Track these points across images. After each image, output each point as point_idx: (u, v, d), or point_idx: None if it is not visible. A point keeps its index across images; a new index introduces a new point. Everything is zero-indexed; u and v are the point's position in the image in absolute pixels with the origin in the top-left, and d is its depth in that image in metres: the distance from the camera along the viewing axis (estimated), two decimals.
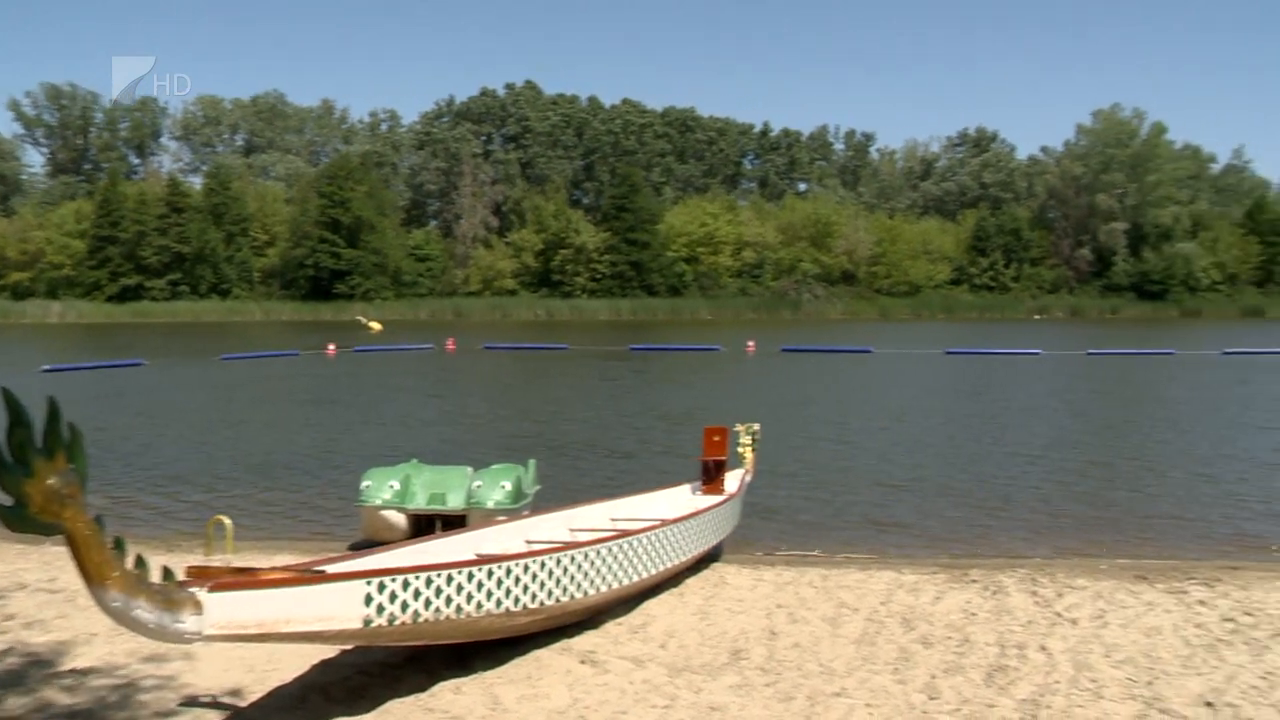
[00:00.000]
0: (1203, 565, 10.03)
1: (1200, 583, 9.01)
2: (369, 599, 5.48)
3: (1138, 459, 16.71)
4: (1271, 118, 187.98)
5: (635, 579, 7.69)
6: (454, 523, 9.54)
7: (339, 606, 5.35)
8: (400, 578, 5.66)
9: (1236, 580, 9.15)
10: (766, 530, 11.50)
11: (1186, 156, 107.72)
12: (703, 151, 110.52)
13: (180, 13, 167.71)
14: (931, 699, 6.06)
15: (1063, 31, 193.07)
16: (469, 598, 6.05)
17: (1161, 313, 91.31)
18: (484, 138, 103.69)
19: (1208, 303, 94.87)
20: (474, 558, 6.71)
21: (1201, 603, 8.27)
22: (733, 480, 10.52)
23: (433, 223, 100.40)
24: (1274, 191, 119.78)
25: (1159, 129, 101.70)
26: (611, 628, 7.50)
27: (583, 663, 6.68)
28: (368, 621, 5.48)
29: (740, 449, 11.04)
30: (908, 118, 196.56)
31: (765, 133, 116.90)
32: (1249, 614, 7.89)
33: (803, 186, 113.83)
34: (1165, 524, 12.17)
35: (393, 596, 5.59)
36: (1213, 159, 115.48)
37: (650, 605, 8.12)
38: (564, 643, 7.04)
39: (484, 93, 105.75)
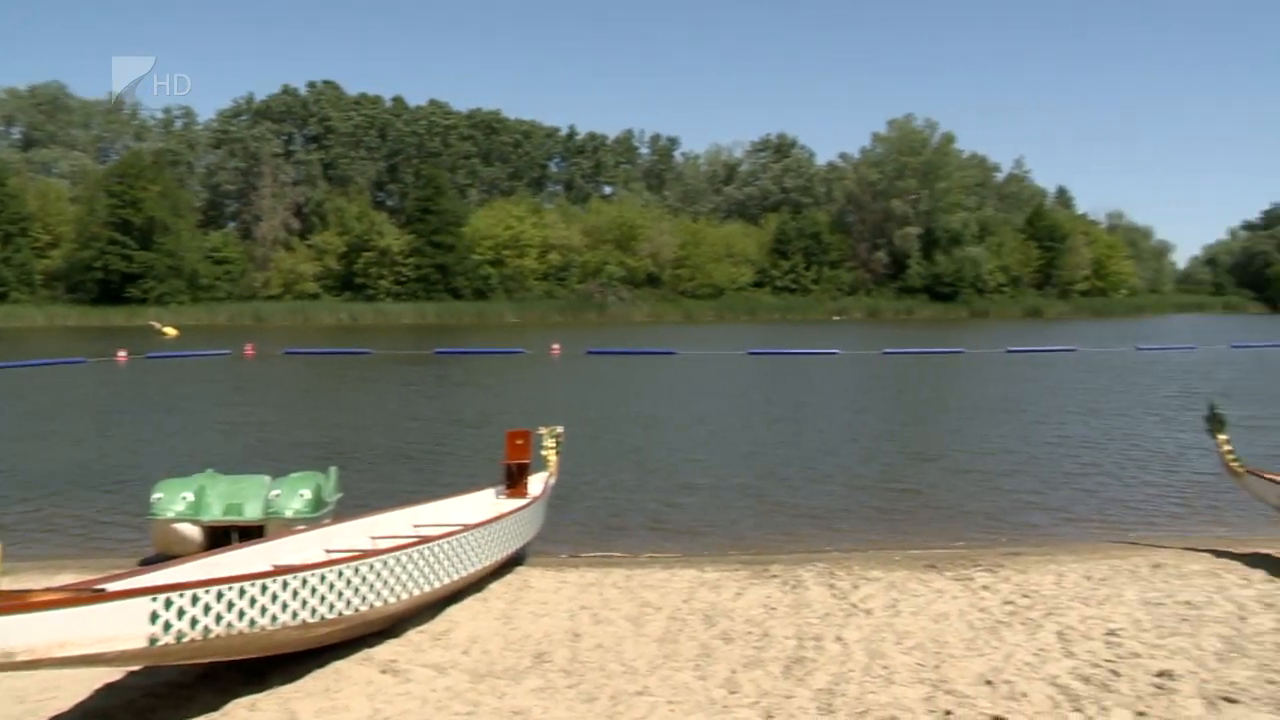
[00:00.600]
0: (987, 552, 10.53)
1: (985, 569, 9.45)
2: (155, 616, 5.23)
3: (930, 453, 17.45)
4: (1049, 132, 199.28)
5: (437, 585, 7.60)
6: (251, 534, 9.23)
7: (122, 626, 5.08)
8: (189, 593, 5.43)
9: (1017, 565, 9.64)
10: (571, 532, 11.52)
11: (974, 165, 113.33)
12: (508, 154, 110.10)
13: None
14: (732, 693, 6.17)
15: (860, 42, 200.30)
16: (263, 611, 5.86)
17: (952, 313, 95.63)
18: (285, 137, 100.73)
19: (994, 304, 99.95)
20: (269, 569, 6.50)
21: (985, 588, 8.68)
22: (536, 483, 10.50)
23: (231, 224, 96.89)
24: (1051, 200, 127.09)
25: (948, 139, 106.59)
26: (414, 635, 7.38)
27: (384, 672, 6.55)
28: (154, 640, 5.23)
29: (544, 452, 11.03)
30: (712, 123, 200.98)
31: (571, 136, 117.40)
32: (1026, 596, 8.32)
33: (608, 190, 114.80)
34: (955, 514, 12.75)
35: (181, 613, 5.35)
36: (997, 168, 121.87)
37: (453, 611, 8.04)
38: (365, 653, 6.89)
39: (285, 91, 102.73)
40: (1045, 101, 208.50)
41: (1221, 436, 10.32)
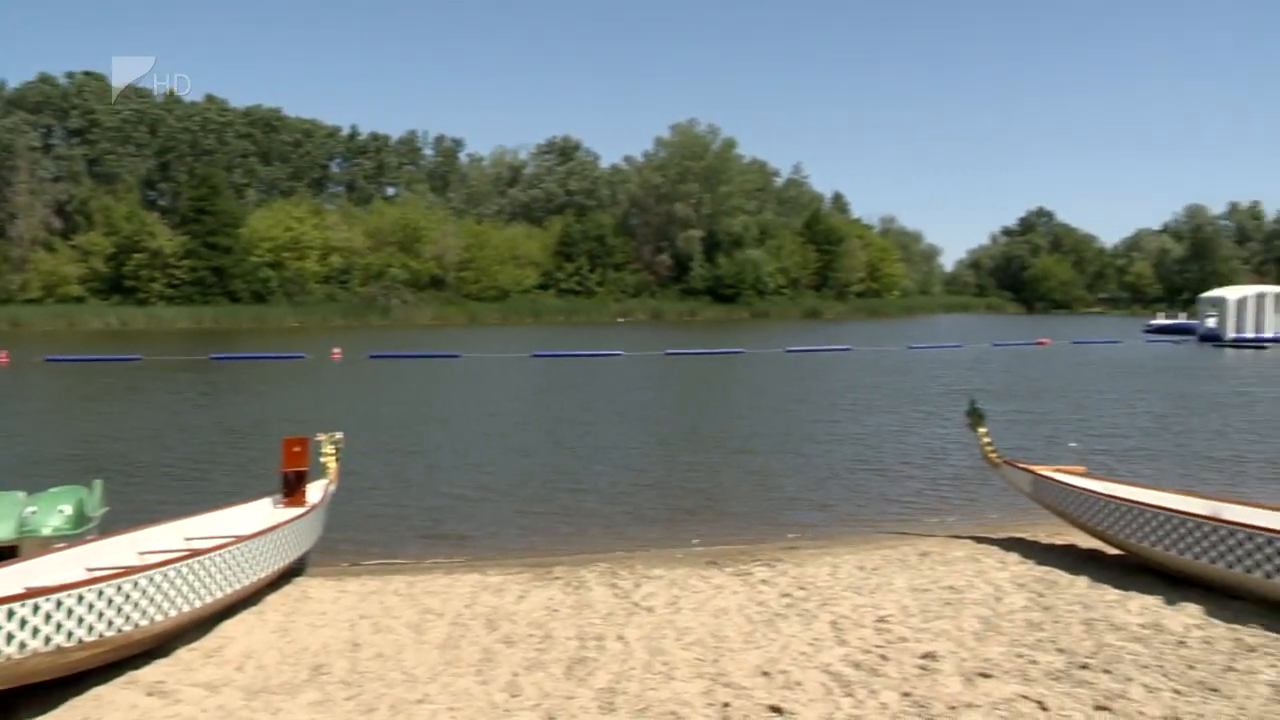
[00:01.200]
0: (767, 548, 10.83)
1: (764, 564, 9.71)
2: None
3: (711, 453, 17.81)
4: (825, 139, 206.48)
5: (209, 600, 7.31)
6: (4, 554, 8.67)
7: None
8: None
9: (794, 559, 9.95)
10: (352, 540, 11.27)
11: (754, 170, 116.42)
12: (288, 153, 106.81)
13: None
14: (513, 697, 6.15)
15: (644, 47, 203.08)
16: (9, 638, 5.50)
17: (734, 314, 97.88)
18: (43, 130, 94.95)
19: (774, 305, 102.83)
20: (20, 591, 6.11)
21: (764, 582, 8.92)
22: (315, 491, 10.23)
23: None
24: (828, 204, 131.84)
25: (730, 144, 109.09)
26: (184, 654, 7.07)
27: (150, 695, 6.24)
28: None
29: (323, 459, 10.76)
30: (497, 125, 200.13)
31: (353, 136, 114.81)
32: (803, 588, 8.60)
33: (391, 191, 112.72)
34: (736, 512, 13.07)
35: None
36: (777, 173, 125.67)
37: (227, 626, 7.74)
38: (129, 675, 6.55)
39: (43, 79, 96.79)
40: (823, 109, 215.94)
41: (981, 430, 10.90)
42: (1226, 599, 7.69)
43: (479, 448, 18.40)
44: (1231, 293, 65.07)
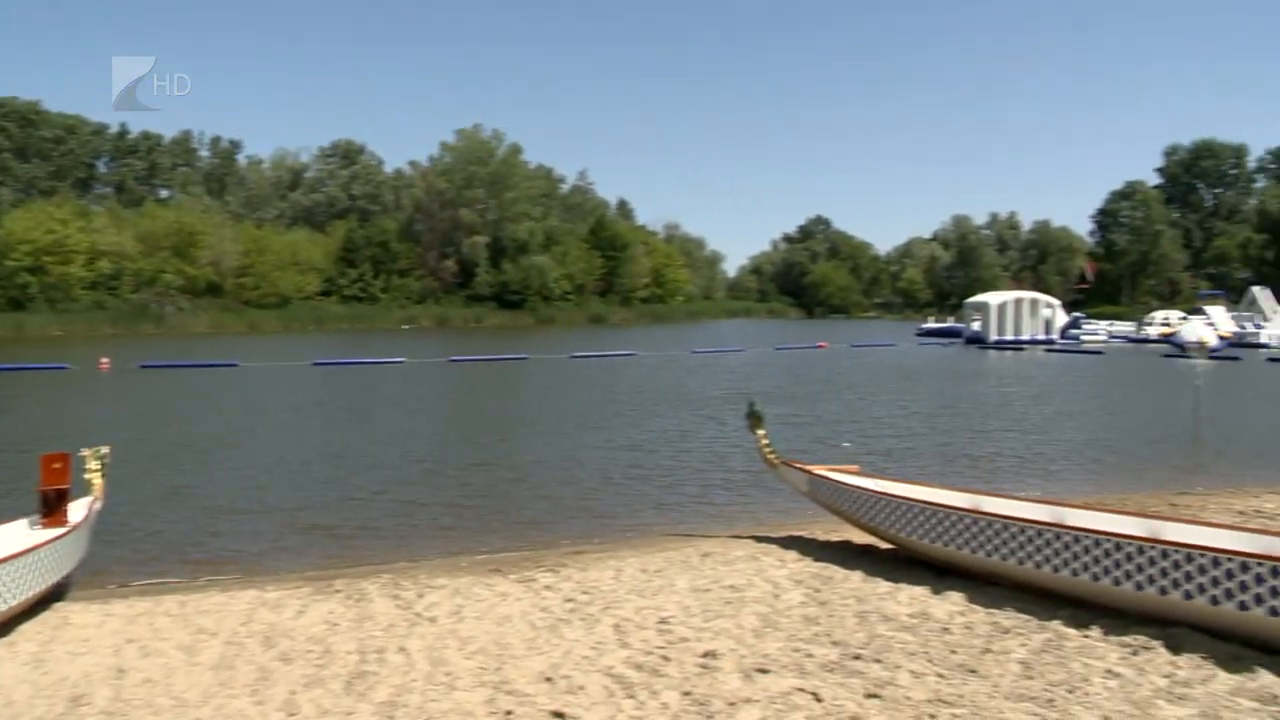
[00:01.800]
0: (551, 554, 10.84)
1: (548, 570, 9.72)
2: None
3: (495, 460, 17.71)
4: (610, 146, 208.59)
5: None
6: None
7: None
8: None
9: (579, 564, 10.00)
10: (120, 560, 10.71)
11: (540, 176, 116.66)
12: (49, 151, 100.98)
13: None
14: (290, 716, 5.97)
15: (429, 50, 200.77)
16: None
17: (520, 320, 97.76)
18: None
19: (560, 311, 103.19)
20: None
21: (548, 588, 8.92)
22: (78, 510, 9.68)
23: None
24: (613, 210, 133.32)
25: (515, 149, 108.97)
26: None
27: None
28: None
29: (87, 476, 10.20)
30: (277, 127, 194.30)
31: (123, 134, 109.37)
32: (586, 593, 8.64)
33: (165, 194, 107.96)
34: (521, 519, 13.01)
35: None
36: (562, 180, 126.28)
37: None
38: None
39: None
40: (608, 116, 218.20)
41: (760, 431, 11.18)
42: (986, 586, 8.12)
43: (256, 460, 17.78)
44: (994, 298, 69.05)
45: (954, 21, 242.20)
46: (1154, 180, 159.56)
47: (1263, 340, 68.45)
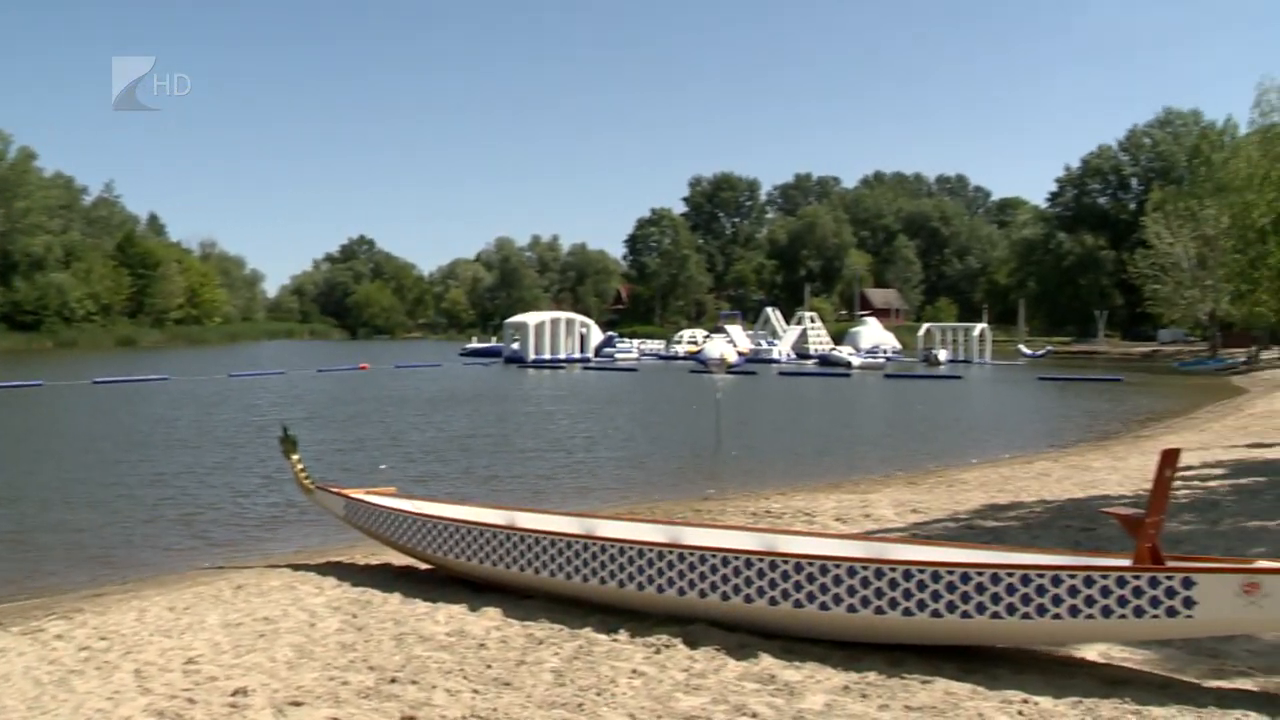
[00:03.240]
0: (66, 598, 9.94)
1: (60, 617, 8.89)
2: None
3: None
4: (139, 157, 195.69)
5: None
6: None
7: None
8: None
9: (97, 607, 9.23)
10: None
11: (58, 185, 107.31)
12: None
13: None
14: None
15: None
16: None
17: (36, 343, 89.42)
18: None
19: (83, 333, 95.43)
20: None
21: (59, 637, 8.15)
22: None
23: None
24: (143, 226, 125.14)
25: (27, 154, 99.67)
26: None
27: None
28: None
29: None
30: None
31: None
32: (104, 638, 7.98)
33: None
34: (27, 562, 11.87)
35: None
36: (84, 190, 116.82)
37: None
38: None
39: None
40: (135, 123, 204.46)
41: (295, 456, 10.84)
42: (523, 599, 8.32)
43: None
44: (532, 318, 71.37)
45: (490, 44, 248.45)
46: (681, 208, 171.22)
47: (774, 356, 75.36)
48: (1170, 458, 6.05)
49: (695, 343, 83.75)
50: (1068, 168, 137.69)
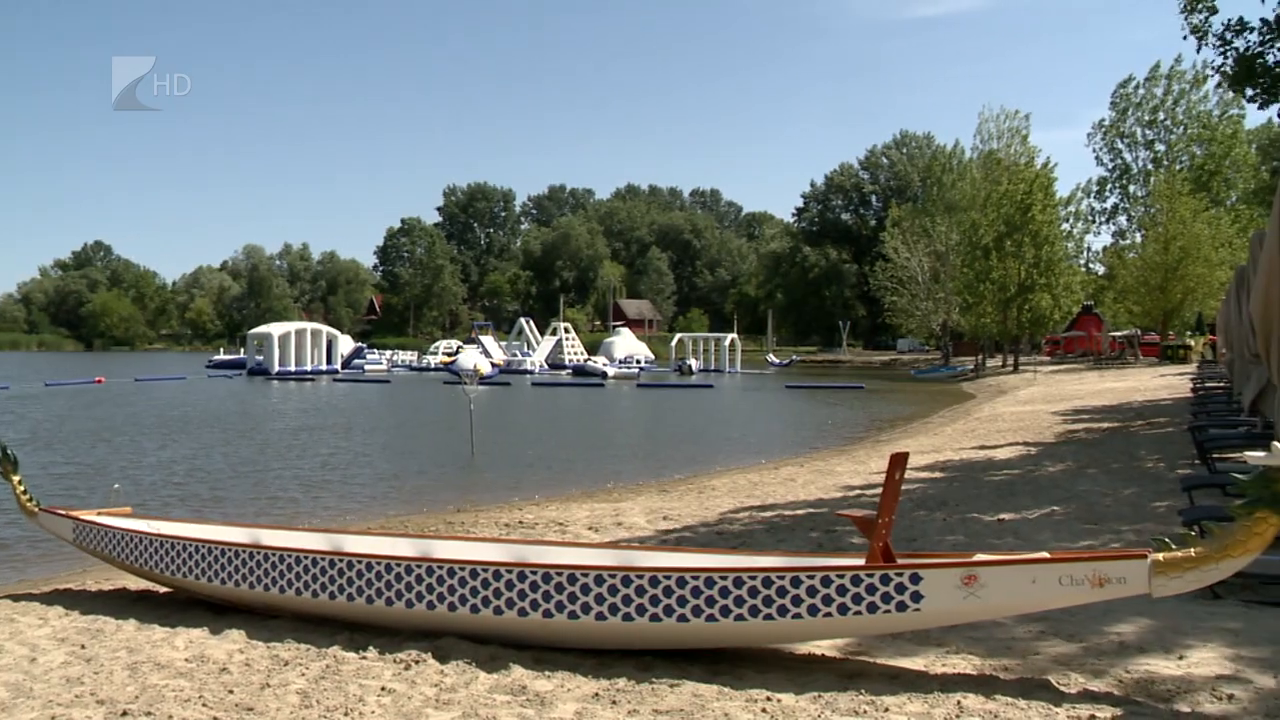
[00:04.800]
0: None
1: None
2: None
3: None
4: None
5: None
6: None
7: None
8: None
9: None
10: None
11: None
12: None
13: None
14: None
15: None
16: None
17: None
18: None
19: None
20: None
21: None
22: None
23: None
24: None
25: None
26: None
27: None
28: None
29: None
30: None
31: None
32: None
33: None
34: None
35: None
36: None
37: None
38: None
39: None
40: None
41: (15, 478, 10.14)
42: (269, 619, 8.04)
43: None
44: (276, 328, 69.22)
45: (241, 44, 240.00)
46: (435, 218, 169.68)
47: (527, 367, 75.65)
48: (899, 461, 6.40)
49: (450, 353, 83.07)
50: (813, 184, 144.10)
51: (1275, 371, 8.41)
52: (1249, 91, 18.19)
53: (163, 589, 9.44)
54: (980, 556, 6.16)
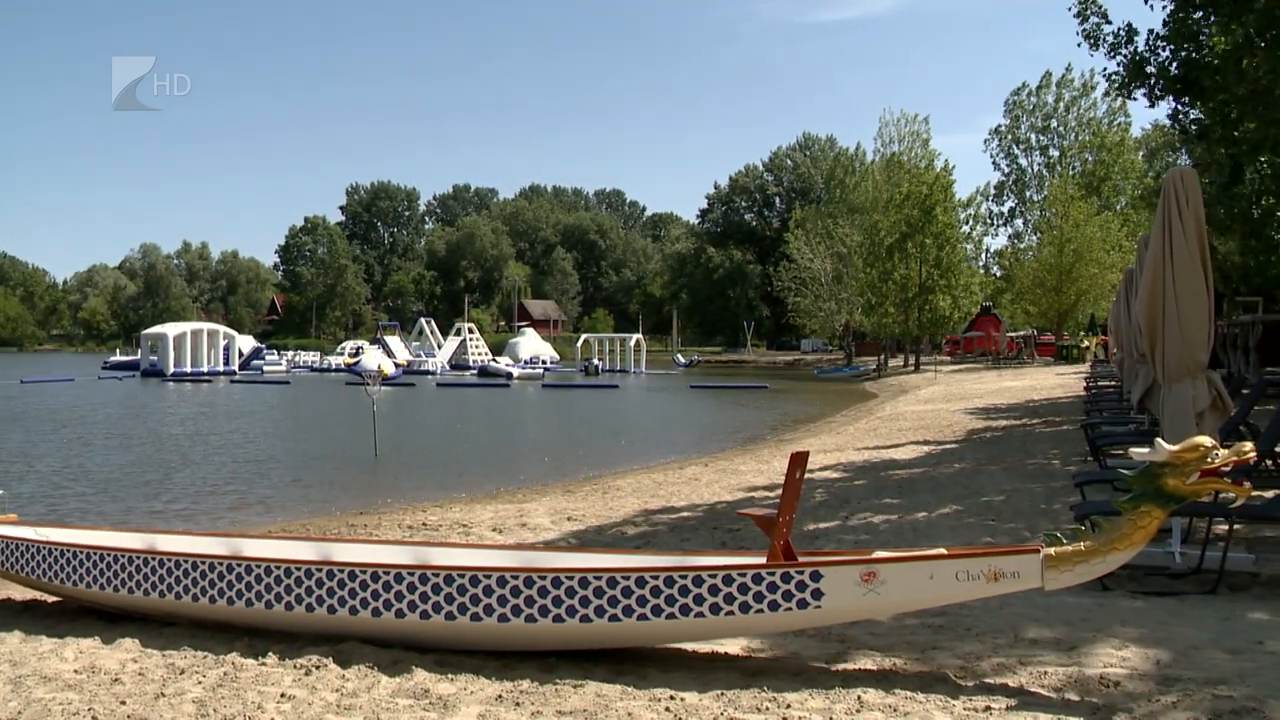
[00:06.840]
0: None
1: None
2: None
3: None
4: None
5: None
6: None
7: None
8: None
9: None
10: None
11: None
12: None
13: None
14: None
15: None
16: None
17: None
18: None
19: None
20: None
21: None
22: None
23: None
24: None
25: None
26: None
27: None
28: None
29: None
30: None
31: None
32: None
33: None
34: None
35: None
36: None
37: None
38: None
39: None
40: None
41: None
42: (165, 627, 7.85)
43: None
44: (171, 329, 67.71)
45: (137, 37, 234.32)
46: (337, 217, 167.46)
47: (429, 368, 75.10)
48: (799, 460, 6.47)
49: (353, 354, 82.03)
50: (717, 185, 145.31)
51: (1160, 370, 8.65)
52: (1139, 91, 18.69)
53: (51, 598, 9.16)
54: (879, 554, 6.25)
